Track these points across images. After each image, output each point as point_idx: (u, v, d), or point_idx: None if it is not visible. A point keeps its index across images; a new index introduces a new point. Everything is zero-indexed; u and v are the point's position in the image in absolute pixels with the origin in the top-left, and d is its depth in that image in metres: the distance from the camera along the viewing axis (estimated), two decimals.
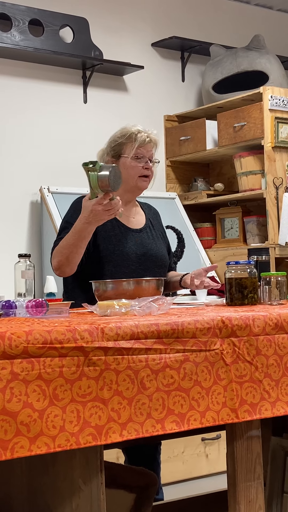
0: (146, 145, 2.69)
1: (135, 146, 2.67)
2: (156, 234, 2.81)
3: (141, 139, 2.68)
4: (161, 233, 2.86)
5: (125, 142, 2.69)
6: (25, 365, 1.37)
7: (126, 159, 2.68)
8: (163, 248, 2.79)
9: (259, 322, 1.72)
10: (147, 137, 2.69)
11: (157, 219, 2.91)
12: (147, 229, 2.77)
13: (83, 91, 4.32)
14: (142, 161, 2.69)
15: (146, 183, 2.74)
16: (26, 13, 3.97)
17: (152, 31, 4.60)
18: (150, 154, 2.72)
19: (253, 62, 4.43)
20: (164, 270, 2.75)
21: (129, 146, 2.68)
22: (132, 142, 2.68)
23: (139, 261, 2.63)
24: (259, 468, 1.75)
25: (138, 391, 1.50)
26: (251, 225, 4.27)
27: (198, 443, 3.64)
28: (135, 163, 2.68)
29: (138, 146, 2.67)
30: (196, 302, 2.57)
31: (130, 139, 2.68)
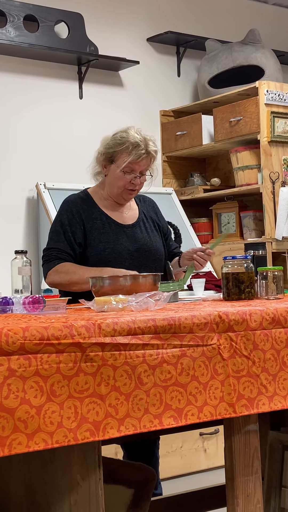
0: (140, 161, 2.61)
1: (127, 160, 2.59)
2: (150, 226, 2.79)
3: (136, 155, 2.59)
4: (156, 224, 2.83)
5: (120, 151, 2.61)
6: (22, 362, 1.37)
7: (116, 168, 2.63)
8: (157, 241, 2.77)
9: (256, 316, 1.72)
10: (144, 153, 2.60)
11: (153, 210, 2.87)
12: (140, 223, 2.76)
13: (79, 86, 4.31)
14: (130, 176, 2.62)
15: (131, 196, 2.70)
16: (21, 9, 3.96)
17: (148, 26, 4.59)
18: (143, 168, 2.64)
19: (249, 56, 4.42)
20: (160, 264, 2.73)
21: (122, 157, 2.60)
22: (126, 155, 2.59)
23: (131, 257, 2.62)
24: (257, 463, 1.76)
25: (135, 387, 1.50)
26: (247, 220, 4.27)
27: (196, 438, 3.64)
28: (123, 176, 2.62)
29: (131, 161, 2.59)
30: (193, 297, 2.57)
31: (125, 151, 2.59)
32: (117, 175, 2.63)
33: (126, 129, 2.68)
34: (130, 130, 2.65)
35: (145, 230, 2.75)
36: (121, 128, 2.70)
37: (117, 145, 2.63)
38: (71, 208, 2.68)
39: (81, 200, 2.71)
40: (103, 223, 2.66)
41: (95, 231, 2.63)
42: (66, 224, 2.64)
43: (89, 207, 2.69)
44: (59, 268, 2.57)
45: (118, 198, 2.71)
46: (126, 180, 2.63)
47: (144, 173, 2.67)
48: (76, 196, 2.74)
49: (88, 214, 2.67)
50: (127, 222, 2.72)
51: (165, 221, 2.93)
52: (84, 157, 4.22)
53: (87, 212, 2.67)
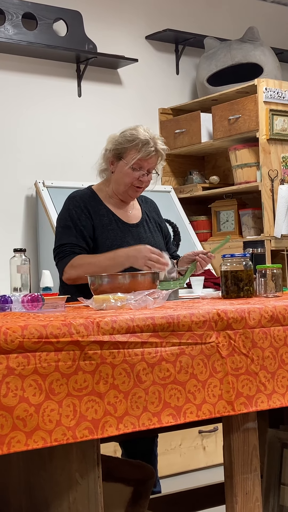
0: (149, 158, 2.63)
1: (137, 157, 2.60)
2: (153, 227, 2.81)
3: (146, 152, 2.60)
4: (158, 225, 2.85)
5: (129, 148, 2.62)
6: (20, 360, 1.37)
7: (125, 165, 2.64)
8: (160, 242, 2.79)
9: (255, 314, 1.72)
10: (153, 150, 2.62)
11: (154, 210, 2.89)
12: (143, 222, 2.77)
13: (77, 84, 4.31)
14: (138, 173, 2.64)
15: (137, 193, 2.71)
16: (19, 7, 3.96)
17: (146, 24, 4.59)
18: (151, 166, 2.66)
19: (248, 54, 4.42)
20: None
21: (131, 153, 2.62)
22: (135, 152, 2.61)
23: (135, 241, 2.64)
24: (256, 460, 1.76)
25: (134, 385, 1.50)
26: (246, 218, 4.27)
27: (195, 436, 3.65)
28: (131, 173, 2.64)
29: (140, 158, 2.61)
30: (192, 295, 2.57)
31: (135, 147, 2.61)
32: (126, 171, 2.64)
33: (135, 127, 2.69)
34: (140, 128, 2.67)
35: (148, 230, 2.76)
36: (130, 126, 2.71)
37: (127, 142, 2.64)
38: (79, 203, 2.68)
39: (88, 196, 2.72)
40: (110, 220, 2.66)
41: (102, 228, 2.63)
42: (76, 218, 2.64)
43: (96, 204, 2.70)
44: (74, 263, 2.56)
45: (124, 196, 2.71)
46: (134, 177, 2.64)
47: (151, 171, 2.68)
48: (82, 192, 2.74)
49: (95, 210, 2.67)
50: (132, 221, 2.73)
51: (166, 224, 2.94)
52: (82, 155, 4.23)
53: (95, 208, 2.68)
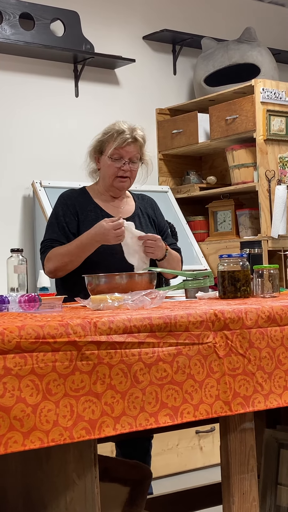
0: (127, 146, 2.67)
1: (113, 146, 2.67)
2: (145, 221, 2.81)
3: (121, 140, 2.66)
4: (152, 220, 2.86)
5: (106, 140, 2.70)
6: (18, 360, 1.37)
7: (105, 157, 2.71)
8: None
9: (252, 315, 1.72)
10: (129, 137, 2.67)
11: (151, 206, 2.91)
12: (135, 217, 2.79)
13: (75, 84, 4.31)
14: (119, 162, 2.69)
15: (123, 184, 2.74)
16: (16, 7, 3.96)
17: (143, 24, 4.59)
18: (131, 155, 2.70)
19: (245, 54, 4.42)
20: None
21: (109, 145, 2.69)
22: (112, 142, 2.68)
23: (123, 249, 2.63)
24: (253, 460, 1.76)
25: (131, 385, 1.50)
26: (243, 218, 4.28)
27: (193, 436, 3.65)
28: (112, 164, 2.69)
29: (117, 147, 2.66)
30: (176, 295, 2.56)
31: (111, 138, 2.69)
32: (107, 163, 2.71)
33: (115, 121, 2.77)
34: (117, 122, 2.75)
35: (139, 224, 2.77)
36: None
37: (104, 135, 2.72)
38: (66, 200, 2.76)
39: (77, 193, 2.80)
40: (97, 215, 2.71)
41: (88, 223, 2.67)
42: (61, 215, 2.71)
43: (84, 200, 2.76)
44: (49, 255, 2.65)
45: (111, 189, 2.76)
46: (115, 167, 2.70)
47: (134, 161, 2.72)
48: (72, 191, 2.83)
49: (82, 206, 2.74)
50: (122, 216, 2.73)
51: (164, 219, 2.96)
52: (80, 155, 4.21)
53: (82, 205, 2.74)
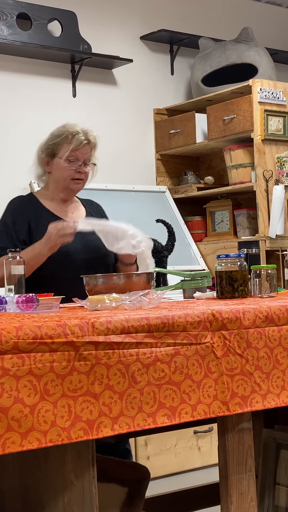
0: (82, 148, 2.65)
1: (69, 148, 2.64)
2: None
3: (77, 141, 2.64)
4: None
5: (60, 143, 2.66)
6: (15, 361, 1.37)
7: (60, 160, 2.66)
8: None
9: (250, 315, 1.72)
10: (84, 139, 2.65)
11: (99, 212, 2.89)
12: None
13: (72, 85, 4.31)
14: (75, 164, 2.66)
15: (78, 186, 2.72)
16: (14, 7, 3.95)
17: (141, 24, 4.59)
18: (86, 156, 2.68)
19: (242, 54, 4.42)
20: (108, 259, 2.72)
21: (64, 147, 2.65)
22: (67, 144, 2.64)
23: (81, 252, 2.63)
24: (251, 460, 1.76)
25: (129, 385, 1.50)
26: (241, 218, 4.28)
27: (191, 436, 3.65)
28: (68, 166, 2.66)
29: (73, 149, 2.64)
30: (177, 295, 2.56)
31: (65, 140, 2.65)
32: (62, 166, 2.66)
33: (64, 124, 2.74)
34: (68, 124, 2.73)
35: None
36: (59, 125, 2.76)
37: (57, 138, 2.69)
38: (16, 207, 2.71)
39: (27, 200, 2.75)
40: (49, 221, 2.65)
41: (41, 229, 2.62)
42: (10, 222, 2.66)
43: (35, 206, 2.71)
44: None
45: (65, 192, 2.72)
46: (72, 169, 2.66)
47: (87, 163, 2.70)
48: (21, 196, 2.80)
49: (34, 212, 2.69)
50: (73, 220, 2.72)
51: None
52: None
53: (33, 211, 2.69)
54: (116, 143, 4.45)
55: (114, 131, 4.46)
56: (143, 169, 4.59)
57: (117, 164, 4.45)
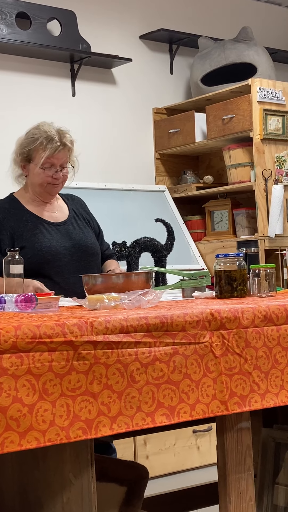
0: (57, 154, 2.58)
1: (44, 155, 2.56)
2: (82, 223, 2.77)
3: (52, 148, 2.56)
4: (87, 221, 2.81)
5: (34, 149, 2.59)
6: (14, 360, 1.37)
7: (35, 166, 2.60)
8: (91, 236, 2.75)
9: (248, 314, 1.72)
10: (59, 145, 2.57)
11: (82, 207, 2.85)
12: (71, 220, 2.73)
13: (71, 84, 4.31)
14: (50, 171, 2.60)
15: (56, 189, 2.67)
16: (13, 6, 3.95)
17: (140, 23, 4.59)
18: (62, 161, 2.61)
19: (241, 54, 4.42)
20: (97, 258, 2.71)
21: (38, 153, 2.58)
22: (42, 151, 2.56)
23: (69, 253, 2.61)
24: (249, 460, 1.76)
25: (127, 385, 1.50)
26: (240, 218, 4.28)
27: (190, 435, 3.65)
28: (43, 172, 2.60)
29: (48, 156, 2.57)
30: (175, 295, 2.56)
31: (40, 146, 2.57)
32: (37, 172, 2.61)
33: (37, 125, 2.65)
34: (42, 126, 2.63)
35: (77, 226, 2.73)
36: (34, 125, 2.67)
37: (31, 143, 2.61)
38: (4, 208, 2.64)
39: (9, 204, 2.69)
40: (34, 224, 2.62)
41: (27, 233, 2.59)
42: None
43: (17, 211, 2.66)
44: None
45: (43, 196, 2.68)
46: (47, 176, 2.61)
47: (65, 166, 2.64)
48: (3, 202, 2.71)
49: (17, 217, 2.63)
50: (58, 220, 2.70)
51: (96, 221, 2.88)
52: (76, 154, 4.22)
53: (17, 216, 2.64)
54: (115, 142, 4.45)
55: (113, 130, 4.46)
56: (142, 168, 4.59)
57: (116, 163, 4.45)
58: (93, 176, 4.22)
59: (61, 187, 2.70)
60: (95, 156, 4.30)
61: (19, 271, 2.23)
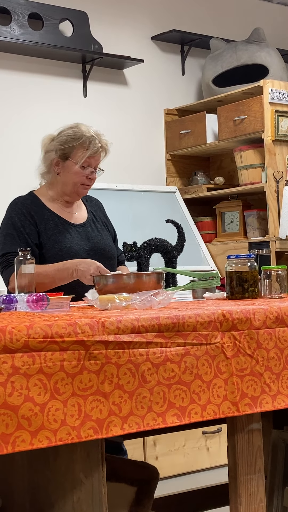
0: (96, 155, 2.62)
1: (86, 155, 2.59)
2: (100, 226, 2.78)
3: (94, 148, 2.59)
4: (105, 224, 2.82)
5: (76, 146, 2.60)
6: (26, 359, 1.37)
7: (73, 164, 2.61)
8: (109, 239, 2.76)
9: (260, 315, 1.72)
10: (100, 146, 2.62)
11: (100, 210, 2.86)
12: (90, 222, 2.75)
13: (83, 85, 4.31)
14: (87, 170, 2.63)
15: (85, 190, 2.69)
16: (25, 7, 3.96)
17: (152, 24, 4.59)
18: (97, 163, 2.66)
19: (253, 55, 4.42)
20: (114, 262, 2.72)
21: (79, 152, 2.59)
22: (83, 150, 2.59)
23: (87, 255, 2.61)
24: (260, 461, 1.76)
25: (139, 385, 1.50)
26: (251, 219, 4.27)
27: (199, 436, 3.65)
28: (81, 171, 2.62)
29: (90, 155, 2.59)
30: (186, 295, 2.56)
31: (83, 145, 2.59)
32: (75, 170, 2.62)
33: (77, 124, 2.67)
34: (81, 126, 2.65)
35: (96, 229, 2.74)
36: (70, 125, 2.68)
37: (73, 140, 2.61)
38: (21, 209, 2.63)
39: (30, 201, 2.68)
40: (55, 224, 2.63)
41: (49, 232, 2.60)
42: (20, 226, 2.59)
43: (39, 208, 2.66)
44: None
45: (72, 195, 2.69)
46: (83, 175, 2.63)
47: (97, 169, 2.68)
48: (24, 198, 2.71)
49: (39, 215, 2.64)
50: (78, 222, 2.71)
51: (112, 225, 2.90)
52: None
53: (38, 214, 2.64)
54: (126, 143, 4.46)
55: (125, 131, 4.46)
56: (153, 169, 4.59)
57: (127, 164, 4.46)
58: (104, 176, 4.21)
59: (89, 189, 2.73)
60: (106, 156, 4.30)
61: (30, 270, 2.24)
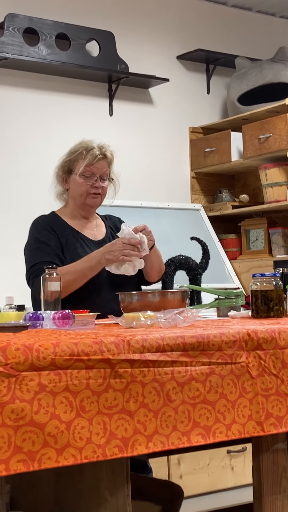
0: (97, 163, 2.67)
1: (83, 164, 2.66)
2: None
3: (91, 157, 2.66)
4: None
5: (75, 159, 2.69)
6: (52, 377, 1.39)
7: (76, 176, 2.69)
8: None
9: (285, 335, 1.72)
10: (99, 154, 2.67)
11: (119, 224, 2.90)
12: (109, 237, 2.78)
13: (109, 104, 4.36)
14: (91, 180, 2.67)
15: (96, 200, 2.72)
16: (53, 28, 4.02)
17: (177, 44, 4.63)
18: (102, 171, 2.69)
19: (278, 74, 4.43)
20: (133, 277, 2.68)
21: (79, 163, 2.68)
22: (82, 160, 2.67)
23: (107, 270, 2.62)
24: (285, 481, 1.75)
25: (164, 404, 1.51)
26: (276, 237, 4.26)
27: (224, 456, 3.62)
28: (83, 181, 2.67)
29: (87, 164, 2.66)
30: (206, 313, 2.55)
31: (80, 156, 2.68)
32: (78, 182, 2.69)
33: (81, 140, 2.76)
34: (84, 140, 2.75)
35: None
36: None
37: (72, 154, 2.72)
38: (44, 226, 2.70)
39: (51, 219, 2.75)
40: (76, 239, 2.69)
41: (70, 246, 2.65)
42: (45, 240, 2.65)
43: (60, 225, 2.72)
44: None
45: (84, 208, 2.74)
46: (87, 185, 2.68)
47: (104, 178, 2.71)
48: (45, 216, 2.79)
49: (60, 231, 2.70)
50: (97, 238, 2.75)
51: None
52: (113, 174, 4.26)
53: (60, 229, 2.70)
54: (151, 161, 4.48)
55: (150, 149, 4.49)
56: (178, 186, 4.61)
57: (152, 181, 4.48)
58: (129, 194, 4.25)
59: (101, 201, 2.75)
60: (131, 174, 4.33)
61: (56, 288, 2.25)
